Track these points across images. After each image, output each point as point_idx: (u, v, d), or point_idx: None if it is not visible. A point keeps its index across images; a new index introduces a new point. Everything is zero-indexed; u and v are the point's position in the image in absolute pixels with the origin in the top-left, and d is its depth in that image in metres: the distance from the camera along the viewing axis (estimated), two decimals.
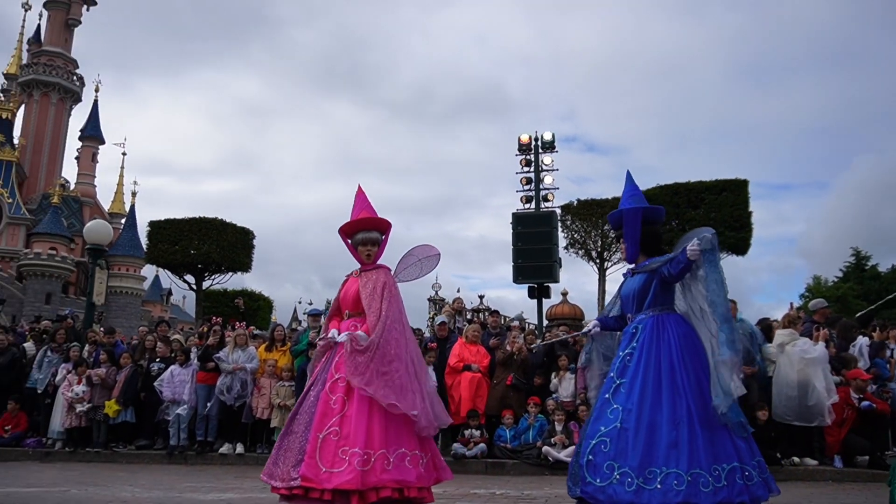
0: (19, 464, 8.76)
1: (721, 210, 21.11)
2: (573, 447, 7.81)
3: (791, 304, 11.01)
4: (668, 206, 22.07)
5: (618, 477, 3.56)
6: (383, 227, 4.46)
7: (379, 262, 4.42)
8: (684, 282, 4.02)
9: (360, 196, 4.55)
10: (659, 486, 3.48)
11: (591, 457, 3.71)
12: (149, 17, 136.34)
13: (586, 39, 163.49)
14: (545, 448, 7.77)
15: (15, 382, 10.13)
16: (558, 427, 8.05)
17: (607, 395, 3.90)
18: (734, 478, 3.55)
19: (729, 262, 22.31)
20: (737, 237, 21.04)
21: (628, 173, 4.42)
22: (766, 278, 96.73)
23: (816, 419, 7.33)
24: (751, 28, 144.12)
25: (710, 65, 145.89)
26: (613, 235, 4.19)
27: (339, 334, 4.18)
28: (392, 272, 4.49)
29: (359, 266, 4.44)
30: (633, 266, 4.26)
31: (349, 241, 4.43)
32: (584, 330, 4.40)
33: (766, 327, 8.48)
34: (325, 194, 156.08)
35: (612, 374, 4.00)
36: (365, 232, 4.38)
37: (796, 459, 7.46)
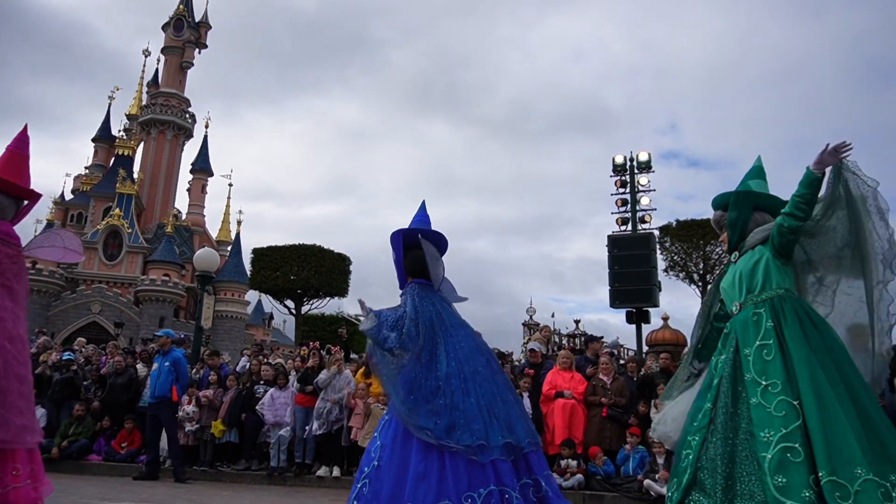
0: (133, 479, 9.23)
1: None
2: None
3: None
4: None
5: None
6: None
7: None
8: None
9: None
10: None
11: (355, 503, 3.34)
12: (253, 49, 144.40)
13: (690, 49, 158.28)
14: (647, 482, 7.42)
15: (132, 402, 10.75)
16: (660, 460, 7.69)
17: (375, 433, 3.56)
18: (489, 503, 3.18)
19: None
20: None
21: (423, 203, 4.09)
22: None
23: None
24: (876, 25, 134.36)
25: (829, 67, 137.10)
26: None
27: None
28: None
29: None
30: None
31: None
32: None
33: None
34: None
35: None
36: None
37: None
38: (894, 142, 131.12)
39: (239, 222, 60.90)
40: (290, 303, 30.47)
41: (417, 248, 3.76)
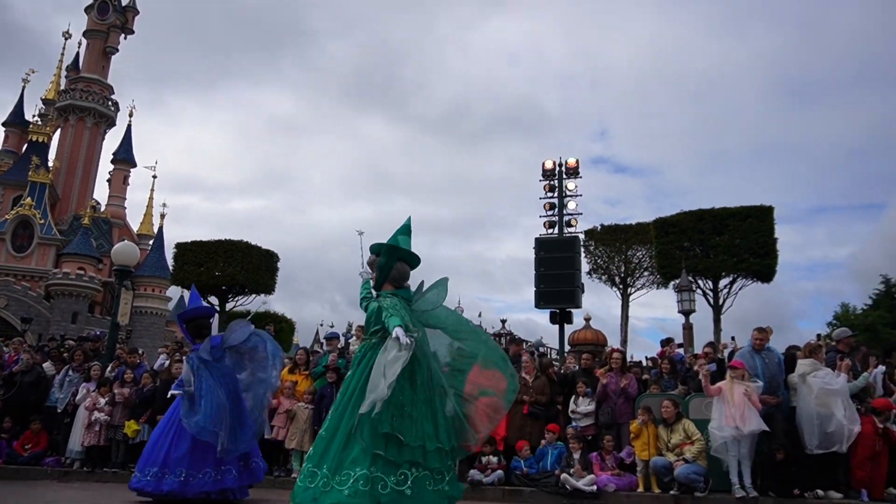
0: (38, 482, 8.81)
1: (746, 236, 20.87)
2: (592, 476, 7.69)
3: (819, 334, 10.79)
4: (693, 233, 21.94)
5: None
6: None
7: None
8: None
9: None
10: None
11: None
12: (182, 35, 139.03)
13: (622, 58, 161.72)
14: (563, 476, 7.62)
15: (39, 401, 10.23)
16: (576, 456, 7.91)
17: None
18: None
19: (755, 289, 21.96)
20: (761, 264, 20.75)
21: (192, 286, 5.97)
22: (811, 304, 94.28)
23: (835, 445, 7.19)
24: (793, 45, 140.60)
25: (749, 83, 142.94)
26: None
27: None
28: None
29: None
30: None
31: None
32: None
33: (790, 357, 8.30)
34: (353, 212, 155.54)
35: None
36: None
37: (820, 493, 7.26)
38: (804, 156, 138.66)
39: (162, 215, 58.73)
40: (214, 299, 29.69)
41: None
